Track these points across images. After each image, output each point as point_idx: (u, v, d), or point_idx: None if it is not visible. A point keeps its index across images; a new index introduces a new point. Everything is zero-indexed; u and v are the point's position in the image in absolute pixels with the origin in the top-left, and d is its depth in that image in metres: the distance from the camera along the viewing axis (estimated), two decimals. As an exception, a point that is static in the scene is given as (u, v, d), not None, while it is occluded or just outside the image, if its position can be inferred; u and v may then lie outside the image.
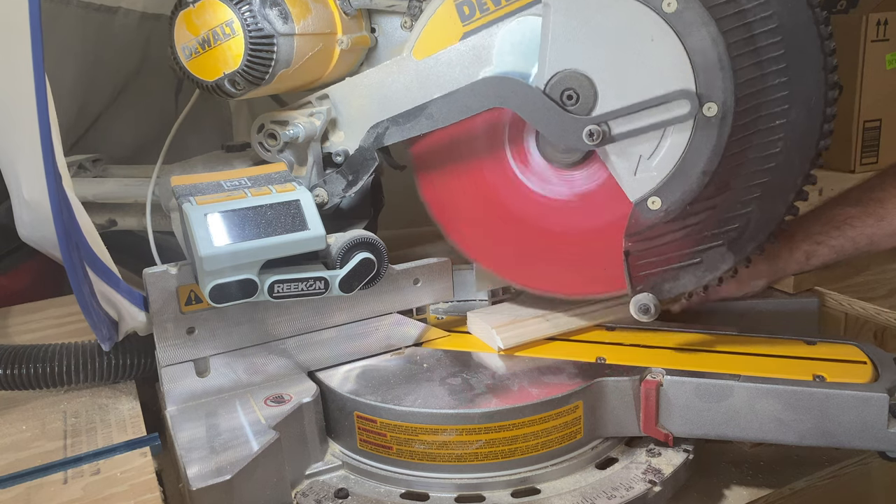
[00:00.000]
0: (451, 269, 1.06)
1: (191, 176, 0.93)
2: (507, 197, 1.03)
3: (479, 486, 0.87)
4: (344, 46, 1.02)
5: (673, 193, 0.89)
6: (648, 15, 0.85)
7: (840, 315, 1.19)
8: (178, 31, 0.93)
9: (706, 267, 0.90)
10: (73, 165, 1.35)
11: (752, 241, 0.89)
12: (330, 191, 1.02)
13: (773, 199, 0.87)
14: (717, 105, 0.84)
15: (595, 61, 0.88)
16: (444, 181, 1.05)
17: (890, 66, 1.91)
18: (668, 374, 0.89)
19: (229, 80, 0.93)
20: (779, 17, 0.81)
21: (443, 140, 1.03)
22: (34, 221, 0.86)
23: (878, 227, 1.05)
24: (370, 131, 0.99)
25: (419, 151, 1.05)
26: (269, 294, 0.86)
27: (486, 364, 0.98)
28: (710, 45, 0.83)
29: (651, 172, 0.89)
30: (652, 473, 0.87)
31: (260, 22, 0.90)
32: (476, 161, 1.03)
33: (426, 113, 0.96)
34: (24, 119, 0.79)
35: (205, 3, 0.91)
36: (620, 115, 0.88)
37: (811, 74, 0.83)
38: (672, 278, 0.92)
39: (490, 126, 1.01)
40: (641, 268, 0.92)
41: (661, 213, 0.90)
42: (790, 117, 0.84)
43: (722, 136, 0.85)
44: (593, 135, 0.88)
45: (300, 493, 0.87)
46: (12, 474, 0.83)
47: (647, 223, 0.91)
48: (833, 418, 0.83)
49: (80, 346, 1.00)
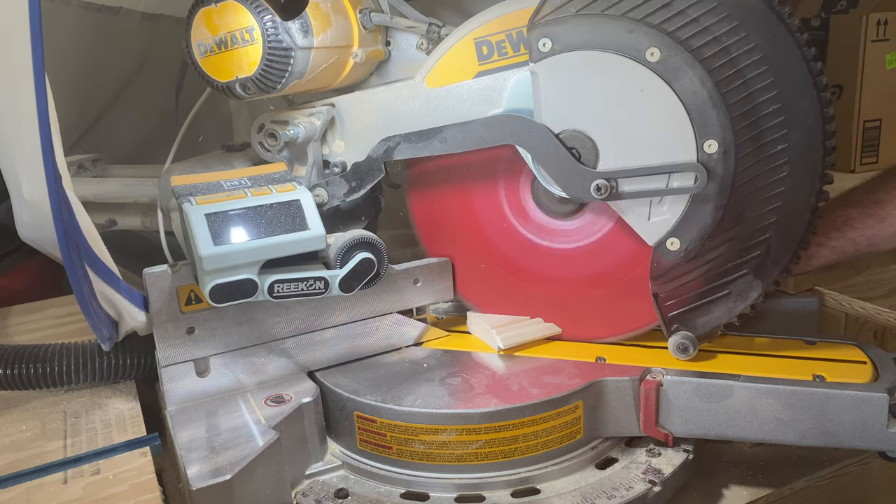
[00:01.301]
0: (451, 269, 1.06)
1: (191, 176, 0.93)
2: (496, 237, 1.04)
3: (479, 486, 0.87)
4: (358, 60, 1.02)
5: (690, 232, 0.90)
6: (635, 67, 0.86)
7: (840, 315, 1.18)
8: (196, 27, 0.93)
9: (736, 297, 0.91)
10: (73, 165, 1.35)
11: (776, 266, 0.89)
12: (331, 193, 1.02)
13: (789, 222, 0.87)
14: (717, 141, 0.85)
15: (591, 119, 0.90)
16: (435, 210, 1.07)
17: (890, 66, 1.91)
18: (668, 374, 0.89)
19: (241, 85, 0.93)
20: (761, 48, 0.83)
21: (441, 170, 1.04)
22: (34, 221, 0.86)
23: (879, 228, 1.05)
24: (381, 143, 0.99)
25: (416, 174, 1.06)
26: (269, 294, 0.86)
27: (486, 364, 0.98)
28: (699, 86, 0.84)
29: (664, 215, 0.90)
30: (652, 473, 0.87)
31: (281, 34, 0.90)
32: (469, 195, 1.04)
33: (440, 136, 0.96)
34: (24, 119, 0.79)
35: (228, 4, 0.91)
36: (627, 176, 0.89)
37: (803, 96, 0.84)
38: (704, 313, 0.92)
39: (489, 165, 1.03)
40: (672, 308, 0.93)
41: (681, 253, 0.90)
42: (791, 141, 0.85)
43: (728, 170, 0.86)
44: (601, 189, 0.89)
45: (300, 493, 0.87)
46: (12, 474, 0.83)
47: (669, 264, 0.91)
48: (833, 418, 0.83)
49: (80, 346, 1.00)
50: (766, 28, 0.82)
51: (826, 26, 1.93)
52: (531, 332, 1.02)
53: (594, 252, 1.00)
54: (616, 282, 0.99)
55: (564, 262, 1.02)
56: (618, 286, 0.99)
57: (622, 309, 0.99)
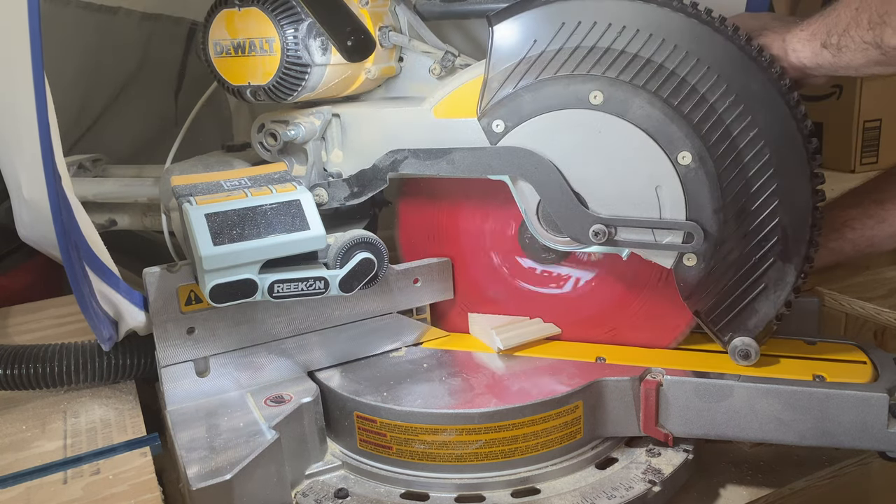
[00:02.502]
0: (451, 269, 1.06)
1: (191, 176, 0.93)
2: (480, 273, 1.06)
3: (479, 486, 0.87)
4: (371, 76, 1.03)
5: (699, 244, 0.89)
6: (584, 114, 0.88)
7: (840, 315, 1.19)
8: (216, 27, 0.93)
9: (774, 287, 0.90)
10: (73, 165, 1.35)
11: (799, 242, 0.88)
12: (332, 195, 1.02)
13: (793, 199, 0.86)
14: (689, 152, 0.86)
15: (567, 175, 0.90)
16: (421, 241, 1.08)
17: (890, 66, 1.90)
18: (668, 374, 0.89)
19: (252, 91, 0.94)
20: (694, 53, 0.84)
21: (432, 204, 1.06)
22: (34, 221, 0.86)
23: (878, 228, 1.05)
24: (389, 154, 0.98)
25: (408, 196, 1.07)
26: (269, 294, 0.86)
27: (486, 364, 0.98)
28: (650, 108, 0.86)
29: (667, 238, 0.89)
30: (652, 473, 0.87)
31: (300, 50, 0.91)
32: (457, 232, 1.06)
33: (449, 158, 0.95)
34: (23, 119, 0.79)
35: (252, 11, 0.91)
36: (626, 225, 0.90)
37: (757, 85, 0.84)
38: (751, 313, 0.91)
39: (480, 213, 1.04)
40: (717, 319, 0.92)
41: (701, 265, 0.90)
42: (760, 124, 0.84)
43: (710, 173, 0.86)
44: (598, 234, 0.90)
45: (300, 493, 0.87)
46: (12, 474, 0.83)
47: (695, 279, 0.91)
48: (833, 418, 0.83)
49: (80, 346, 1.00)
50: (690, 35, 0.84)
51: (826, 26, 1.93)
52: (531, 333, 1.02)
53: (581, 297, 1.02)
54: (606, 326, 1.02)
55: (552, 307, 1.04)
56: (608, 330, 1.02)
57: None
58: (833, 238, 1.07)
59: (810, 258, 0.89)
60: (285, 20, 0.90)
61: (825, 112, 1.95)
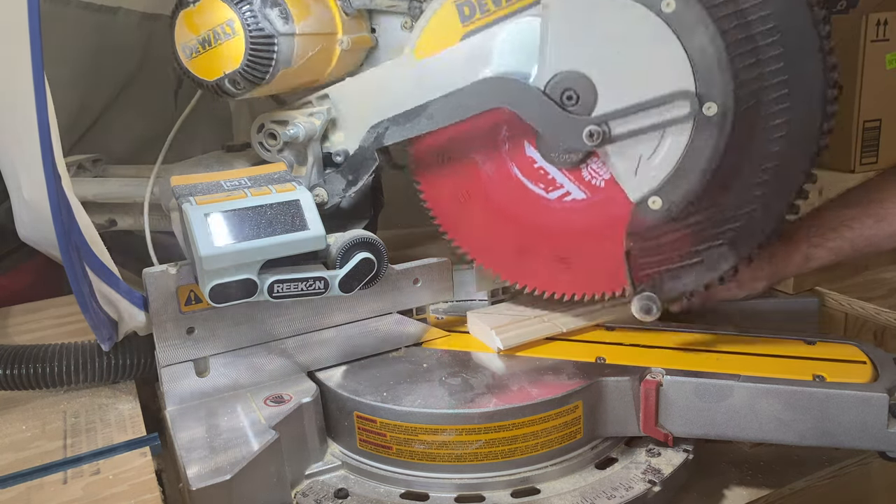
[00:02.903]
0: (451, 269, 1.06)
1: (191, 176, 0.93)
2: (505, 197, 1.03)
3: (478, 486, 0.87)
4: (345, 47, 1.02)
5: (674, 193, 0.89)
6: (647, 16, 0.85)
7: (840, 315, 1.19)
8: (179, 31, 0.93)
9: (707, 266, 0.90)
10: (73, 165, 1.35)
11: (752, 240, 0.89)
12: (330, 190, 1.02)
13: (774, 198, 0.87)
14: (717, 105, 0.84)
15: (595, 62, 0.88)
16: (442, 182, 1.05)
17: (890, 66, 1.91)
18: (667, 374, 0.89)
19: (230, 80, 0.93)
20: (777, 16, 0.81)
21: (442, 141, 1.03)
22: (34, 221, 0.86)
23: (878, 228, 1.05)
24: (370, 131, 0.99)
25: (419, 152, 1.05)
26: (269, 294, 0.85)
27: (486, 364, 0.98)
28: (709, 45, 0.83)
29: (651, 172, 0.89)
30: (652, 473, 0.87)
31: (261, 22, 0.90)
32: (475, 161, 1.03)
33: (426, 113, 0.96)
34: (23, 119, 0.79)
35: (205, 2, 0.91)
36: (620, 116, 0.88)
37: (811, 73, 0.83)
38: (673, 277, 0.92)
39: (489, 127, 1.01)
40: (643, 267, 0.92)
41: (662, 213, 0.90)
42: (791, 115, 0.84)
43: (722, 136, 0.85)
44: (593, 135, 0.88)
45: (300, 493, 0.87)
46: (12, 474, 0.83)
47: (648, 223, 0.90)
48: (833, 418, 0.83)
49: (80, 346, 1.00)
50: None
51: (826, 26, 1.93)
52: (531, 333, 1.02)
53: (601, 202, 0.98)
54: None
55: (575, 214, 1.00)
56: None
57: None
58: (832, 238, 1.07)
59: (751, 259, 0.90)
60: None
61: (825, 112, 1.95)
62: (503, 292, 1.16)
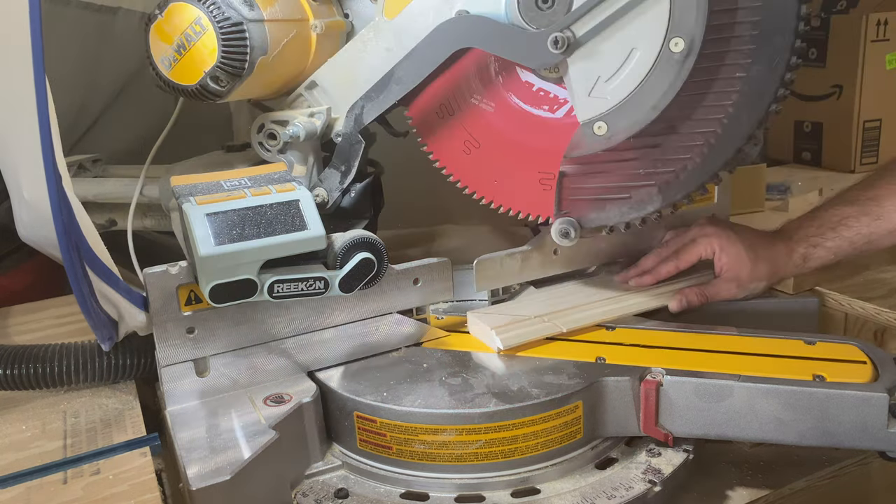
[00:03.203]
0: (451, 269, 1.06)
1: (191, 176, 0.93)
2: (515, 131, 1.01)
3: (479, 486, 0.87)
4: (319, 31, 1.02)
5: (620, 122, 0.88)
6: None
7: (840, 315, 1.19)
8: (154, 46, 0.94)
9: (633, 204, 0.90)
10: (73, 165, 1.35)
11: (683, 190, 0.88)
12: (328, 188, 1.02)
13: (713, 152, 0.86)
14: (685, 42, 0.84)
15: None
16: (449, 137, 1.04)
17: (890, 66, 1.91)
18: (668, 374, 0.89)
19: (211, 77, 0.93)
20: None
21: (434, 97, 1.02)
22: (34, 221, 0.86)
23: (876, 225, 1.05)
24: (348, 115, 0.99)
25: (417, 115, 1.04)
26: (269, 294, 0.86)
27: (486, 364, 0.98)
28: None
29: (605, 97, 0.88)
30: (652, 473, 0.87)
31: (226, 11, 0.91)
32: (474, 105, 1.01)
33: (395, 79, 0.95)
34: (24, 119, 0.79)
35: (171, 9, 0.92)
36: (580, 16, 0.86)
37: (781, 35, 0.82)
38: (598, 209, 0.91)
39: (475, 68, 1.00)
40: (572, 192, 0.92)
41: (603, 140, 0.89)
42: (751, 73, 0.84)
43: (681, 76, 0.85)
44: (558, 42, 0.87)
45: (300, 493, 0.87)
46: (12, 474, 0.83)
47: (588, 147, 0.90)
48: (833, 418, 0.83)
49: (80, 346, 1.00)
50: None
51: (826, 26, 1.94)
52: (531, 333, 1.02)
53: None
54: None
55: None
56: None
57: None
58: (830, 237, 1.07)
59: (676, 208, 0.89)
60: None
61: (825, 112, 1.95)
62: (503, 292, 1.16)
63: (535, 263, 1.13)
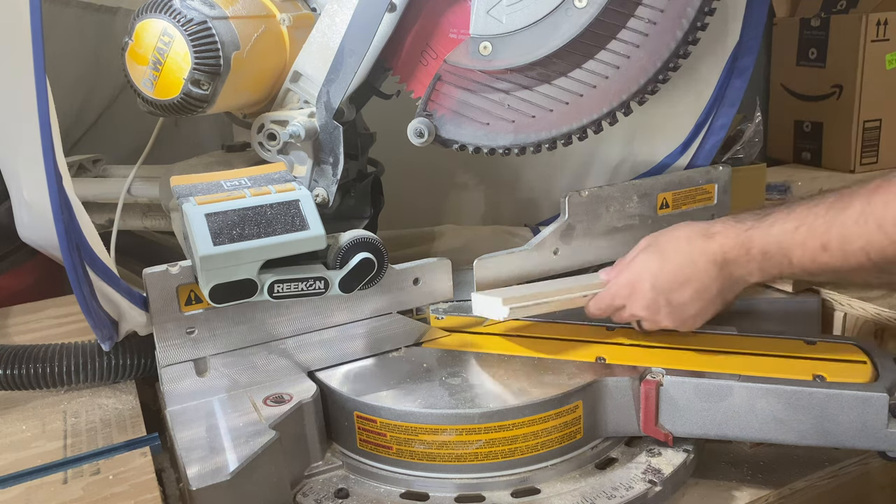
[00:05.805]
0: (451, 269, 1.06)
1: (191, 176, 0.93)
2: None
3: (478, 486, 0.87)
4: (288, 24, 1.02)
5: (504, 50, 0.88)
6: None
7: (840, 315, 1.18)
8: (133, 71, 0.95)
9: (487, 132, 0.91)
10: (73, 165, 1.35)
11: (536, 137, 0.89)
12: (324, 185, 1.02)
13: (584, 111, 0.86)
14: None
15: None
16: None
17: (890, 66, 1.91)
18: (667, 374, 0.89)
19: (192, 82, 0.93)
20: None
21: (409, 43, 1.00)
22: (34, 222, 0.86)
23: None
24: (318, 106, 0.98)
25: (400, 69, 1.03)
26: (269, 294, 0.86)
27: (485, 364, 0.98)
28: None
29: (500, 19, 0.88)
30: (652, 473, 0.87)
31: (188, 13, 0.92)
32: (448, 33, 0.99)
33: (346, 52, 0.95)
34: (24, 119, 0.79)
35: (138, 30, 0.93)
36: None
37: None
38: (456, 124, 0.92)
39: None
40: (441, 98, 0.92)
41: (483, 61, 0.89)
42: (644, 42, 0.84)
43: (573, 29, 0.85)
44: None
45: (300, 492, 0.87)
46: (12, 474, 0.83)
47: (468, 62, 0.90)
48: (833, 418, 0.83)
49: (80, 346, 1.00)
50: None
51: (826, 26, 1.94)
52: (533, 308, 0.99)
53: None
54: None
55: None
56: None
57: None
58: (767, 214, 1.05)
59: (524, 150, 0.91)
60: (158, 5, 0.92)
61: (825, 112, 1.95)
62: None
63: (535, 263, 1.13)
